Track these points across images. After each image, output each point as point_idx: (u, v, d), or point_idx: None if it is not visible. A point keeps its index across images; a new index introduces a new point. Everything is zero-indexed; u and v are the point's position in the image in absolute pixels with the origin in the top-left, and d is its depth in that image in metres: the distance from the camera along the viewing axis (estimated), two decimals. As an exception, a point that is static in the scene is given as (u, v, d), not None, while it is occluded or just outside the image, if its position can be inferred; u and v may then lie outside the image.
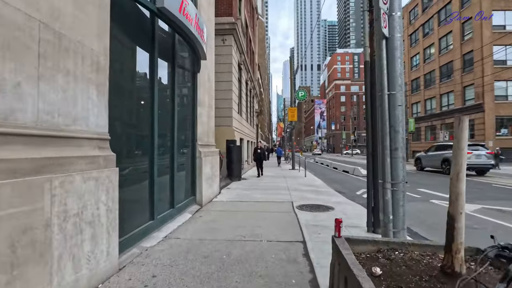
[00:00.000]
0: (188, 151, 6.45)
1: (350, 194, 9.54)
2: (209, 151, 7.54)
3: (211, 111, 8.14)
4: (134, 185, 4.05)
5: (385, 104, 3.83)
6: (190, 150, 6.58)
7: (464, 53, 29.17)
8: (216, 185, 8.25)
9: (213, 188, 7.82)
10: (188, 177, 6.43)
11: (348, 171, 17.66)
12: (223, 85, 12.24)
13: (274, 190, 9.30)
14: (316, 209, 6.39)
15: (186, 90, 6.39)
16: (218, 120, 11.84)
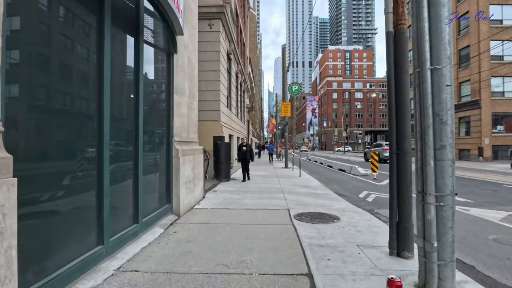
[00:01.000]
0: (161, 150, 5.23)
1: (352, 197, 8.47)
2: (190, 149, 6.33)
3: (193, 102, 6.92)
4: (70, 198, 2.83)
5: (427, 84, 2.70)
6: (165, 148, 5.35)
7: (460, 48, 28.49)
8: (199, 189, 7.05)
9: (195, 193, 6.62)
10: (161, 182, 5.21)
11: (344, 170, 16.66)
12: (210, 75, 11.00)
13: (267, 194, 8.15)
14: (319, 220, 5.26)
15: (158, 74, 5.15)
16: (204, 114, 10.65)
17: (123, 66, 3.90)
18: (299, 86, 18.69)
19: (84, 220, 3.03)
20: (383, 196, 8.58)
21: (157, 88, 5.16)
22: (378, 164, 12.84)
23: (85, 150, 3.09)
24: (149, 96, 4.71)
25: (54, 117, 2.68)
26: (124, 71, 3.94)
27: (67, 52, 2.87)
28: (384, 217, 6.00)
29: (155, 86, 5.08)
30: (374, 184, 11.34)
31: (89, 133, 3.14)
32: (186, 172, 5.89)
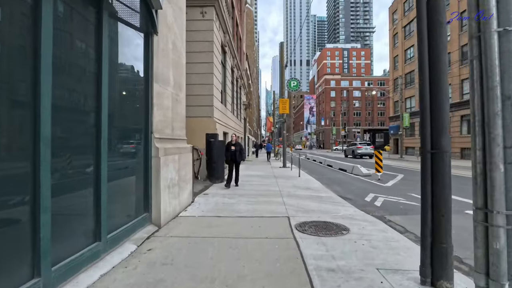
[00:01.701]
0: (136, 148, 4.38)
1: (358, 201, 7.65)
2: (174, 147, 5.48)
3: (179, 94, 6.06)
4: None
5: (493, 53, 1.87)
6: (142, 147, 4.49)
7: (462, 44, 27.80)
8: (187, 193, 6.19)
9: (181, 198, 5.77)
10: (137, 187, 4.36)
11: (346, 170, 15.86)
12: (202, 67, 10.13)
13: (264, 197, 7.31)
14: (325, 231, 4.43)
15: (132, 56, 4.28)
16: (195, 109, 9.80)
17: (75, 40, 3.04)
18: (297, 81, 17.86)
19: (10, 248, 2.18)
20: (391, 199, 7.78)
21: (131, 74, 4.29)
22: (382, 163, 12.05)
23: (13, 148, 2.24)
24: (118, 83, 3.84)
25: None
26: (76, 47, 3.07)
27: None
28: (399, 227, 5.18)
29: (128, 71, 4.21)
30: (379, 185, 10.54)
31: (21, 126, 2.29)
32: (169, 175, 5.03)
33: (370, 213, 6.06)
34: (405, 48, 38.52)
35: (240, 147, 8.90)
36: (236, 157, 8.75)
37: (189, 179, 6.36)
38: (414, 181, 11.47)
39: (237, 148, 8.76)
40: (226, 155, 8.86)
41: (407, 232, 4.89)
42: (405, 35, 38.68)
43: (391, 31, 42.36)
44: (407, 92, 36.96)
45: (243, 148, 9.10)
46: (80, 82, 3.08)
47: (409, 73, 37.43)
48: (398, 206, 6.96)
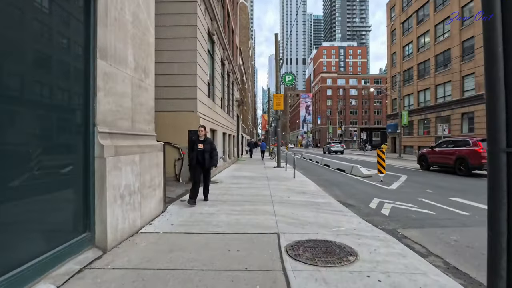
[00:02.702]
0: (69, 146, 3.22)
1: (362, 208, 6.56)
2: (134, 145, 4.32)
3: (145, 79, 4.89)
4: None
5: None
6: (79, 144, 3.34)
7: (463, 39, 26.86)
8: (155, 202, 5.04)
9: (145, 209, 4.61)
10: (72, 198, 3.21)
11: (344, 170, 14.78)
12: (184, 55, 8.95)
13: (251, 205, 6.17)
14: (325, 258, 3.31)
15: (63, 24, 3.11)
16: (176, 103, 8.67)
17: None
18: (292, 76, 16.75)
19: None
20: (400, 206, 6.69)
21: (60, 45, 3.12)
22: (385, 164, 10.97)
23: None
24: (29, 51, 2.67)
25: None
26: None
27: None
28: (419, 246, 4.08)
29: (56, 42, 3.03)
30: (383, 188, 9.46)
31: None
32: (122, 181, 3.88)
33: (379, 226, 4.96)
34: (404, 44, 37.58)
35: (212, 146, 6.35)
36: (204, 159, 6.19)
37: (158, 184, 5.21)
38: (421, 183, 10.42)
39: (207, 147, 6.24)
40: (191, 156, 6.30)
41: (431, 255, 3.78)
42: (403, 31, 37.73)
43: (389, 27, 41.41)
44: (406, 90, 36.05)
45: (215, 148, 6.42)
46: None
47: (408, 70, 36.51)
48: (410, 215, 5.87)
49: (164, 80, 8.96)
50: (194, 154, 6.22)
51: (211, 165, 6.39)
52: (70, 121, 3.23)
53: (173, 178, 8.95)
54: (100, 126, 3.53)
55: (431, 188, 9.34)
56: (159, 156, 5.32)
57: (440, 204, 6.88)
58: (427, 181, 11.16)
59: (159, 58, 8.96)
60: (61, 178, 3.09)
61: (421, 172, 14.50)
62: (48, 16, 2.93)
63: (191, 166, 6.61)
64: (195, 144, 6.30)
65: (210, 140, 6.49)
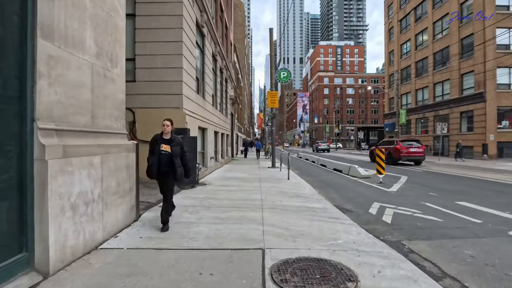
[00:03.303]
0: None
1: (361, 214, 5.93)
2: (94, 145, 3.65)
3: (111, 69, 4.22)
4: None
5: None
6: (14, 145, 2.67)
7: (462, 37, 26.35)
8: (123, 211, 4.36)
9: (109, 220, 3.93)
10: (7, 211, 2.54)
11: (341, 170, 14.17)
12: (168, 47, 8.27)
13: (238, 211, 5.52)
14: (319, 283, 2.67)
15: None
16: (159, 98, 8.02)
17: None
18: (288, 72, 16.08)
19: None
20: (403, 212, 6.07)
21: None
22: (384, 164, 10.35)
23: None
24: None
25: None
26: None
27: None
28: (431, 265, 3.44)
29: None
30: (382, 190, 8.85)
31: None
32: (74, 187, 3.21)
33: (382, 237, 4.33)
34: (401, 42, 37.09)
35: (182, 148, 4.51)
36: (170, 167, 4.33)
37: (128, 189, 4.53)
38: (423, 185, 9.82)
39: (175, 150, 4.37)
40: (151, 161, 4.30)
41: (446, 276, 3.15)
42: (401, 29, 37.22)
43: (387, 25, 40.89)
44: (403, 88, 35.56)
45: (185, 151, 4.60)
46: None
47: (405, 69, 36.03)
48: (415, 223, 5.25)
49: (147, 74, 8.28)
50: (155, 158, 4.27)
51: (181, 178, 4.45)
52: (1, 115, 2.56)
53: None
54: (41, 121, 2.86)
55: (434, 190, 8.74)
56: (130, 157, 4.65)
57: (446, 209, 6.26)
58: (428, 183, 10.57)
59: (142, 50, 8.30)
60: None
61: (422, 173, 13.93)
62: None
63: (149, 176, 4.33)
64: (156, 144, 4.33)
65: (179, 140, 4.50)
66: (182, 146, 4.52)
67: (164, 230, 4.23)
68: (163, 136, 4.43)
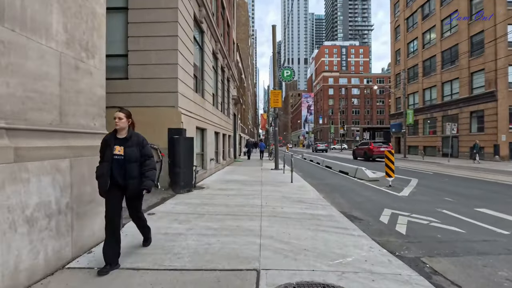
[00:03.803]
0: None
1: (371, 222, 5.34)
2: (61, 146, 3.13)
3: (87, 59, 3.70)
4: None
5: None
6: None
7: (472, 34, 25.51)
8: (103, 221, 3.83)
9: (82, 234, 3.39)
10: None
11: (347, 173, 13.54)
12: (163, 42, 7.77)
13: (235, 219, 4.97)
14: (324, 323, 2.11)
15: None
16: (153, 97, 7.54)
17: None
18: (291, 71, 15.51)
19: None
20: (418, 220, 5.46)
21: None
22: (394, 166, 9.71)
23: None
24: None
25: None
26: None
27: None
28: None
29: None
30: (392, 195, 8.23)
31: None
32: (31, 198, 2.67)
33: (397, 253, 3.75)
34: (408, 41, 36.26)
35: (143, 150, 3.27)
36: (126, 175, 3.11)
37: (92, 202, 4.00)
38: (436, 189, 9.17)
39: (130, 152, 3.14)
40: (99, 171, 3.07)
41: (483, 309, 2.57)
42: (408, 27, 36.41)
43: (393, 24, 40.07)
44: (410, 88, 34.72)
45: (150, 155, 3.34)
46: None
47: (412, 68, 35.18)
48: (434, 234, 4.64)
49: (141, 70, 7.79)
50: (105, 167, 3.01)
51: (141, 188, 3.15)
52: None
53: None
54: (-16, 118, 2.34)
55: (448, 195, 8.10)
56: (111, 160, 4.12)
57: (466, 217, 5.64)
58: (441, 186, 9.91)
59: (135, 45, 7.81)
60: None
61: (432, 175, 13.24)
62: None
63: (101, 193, 3.07)
64: (108, 147, 3.07)
65: (137, 138, 3.24)
66: (142, 147, 3.22)
67: (145, 246, 3.69)
68: (117, 134, 3.16)
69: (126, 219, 4.77)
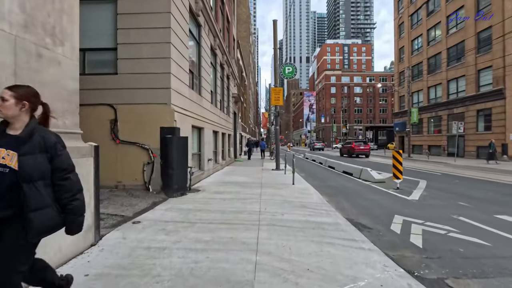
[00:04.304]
0: None
1: (382, 232, 4.78)
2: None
3: (55, 48, 3.17)
4: None
5: None
6: None
7: (479, 30, 24.81)
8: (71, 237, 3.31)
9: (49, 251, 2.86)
10: None
11: (351, 173, 12.97)
12: (154, 34, 7.22)
13: (229, 230, 4.43)
14: None
15: None
16: (144, 93, 7.06)
17: None
18: (293, 67, 14.94)
19: None
20: (434, 230, 4.90)
21: None
22: (402, 168, 9.13)
23: None
24: None
25: None
26: None
27: None
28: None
29: None
30: (401, 198, 7.67)
31: None
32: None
33: (416, 273, 3.20)
34: (412, 38, 35.52)
35: (53, 159, 1.85)
36: (9, 202, 1.72)
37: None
38: (447, 192, 8.60)
39: (28, 164, 1.73)
40: None
41: None
42: (412, 24, 35.67)
43: (396, 21, 39.35)
44: (415, 86, 33.99)
45: (66, 169, 1.90)
46: None
47: (417, 65, 34.46)
48: (455, 247, 4.08)
49: (131, 65, 7.25)
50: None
51: (33, 235, 1.77)
52: None
53: (141, 186, 7.23)
54: None
55: (462, 199, 7.52)
56: (86, 163, 3.59)
57: (487, 226, 5.08)
58: (452, 188, 9.33)
59: (124, 38, 7.27)
60: None
61: (441, 176, 12.66)
62: None
63: None
64: None
65: (45, 140, 1.85)
66: (55, 154, 1.87)
67: None
68: (8, 129, 1.85)
69: (107, 229, 4.24)
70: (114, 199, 6.34)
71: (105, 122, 7.23)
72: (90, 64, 7.50)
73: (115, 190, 7.14)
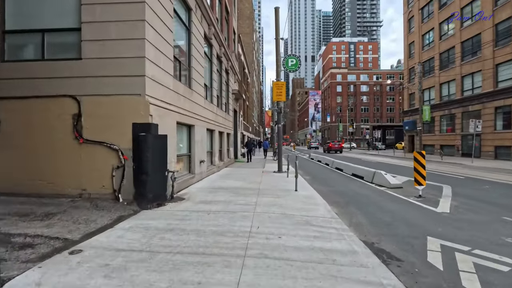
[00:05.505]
0: None
1: (419, 269, 3.40)
2: None
3: None
4: None
5: None
6: None
7: (497, 22, 23.10)
8: None
9: None
10: None
11: (363, 177, 11.54)
12: (125, 10, 5.92)
13: (199, 267, 3.09)
14: None
15: None
16: (112, 83, 5.81)
17: None
18: (297, 60, 13.56)
19: None
20: (489, 263, 3.51)
21: None
22: (425, 172, 7.70)
23: None
24: None
25: None
26: None
27: None
28: None
29: None
30: (429, 210, 6.26)
31: None
32: None
33: None
34: (423, 32, 33.76)
35: None
36: None
37: None
38: (482, 201, 7.15)
39: None
40: None
41: None
42: (423, 18, 33.92)
43: (406, 15, 37.60)
44: (426, 83, 32.28)
45: None
46: None
47: (428, 61, 32.72)
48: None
49: (98, 48, 5.97)
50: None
51: None
52: None
53: (110, 196, 5.94)
54: None
55: (505, 211, 6.09)
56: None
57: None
58: (486, 196, 7.88)
59: (90, 16, 5.99)
60: None
61: (464, 180, 11.18)
62: None
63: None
64: None
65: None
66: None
67: None
68: None
69: (28, 263, 2.93)
70: (70, 213, 5.07)
71: (67, 117, 5.95)
72: (49, 48, 6.22)
73: (78, 200, 5.87)
